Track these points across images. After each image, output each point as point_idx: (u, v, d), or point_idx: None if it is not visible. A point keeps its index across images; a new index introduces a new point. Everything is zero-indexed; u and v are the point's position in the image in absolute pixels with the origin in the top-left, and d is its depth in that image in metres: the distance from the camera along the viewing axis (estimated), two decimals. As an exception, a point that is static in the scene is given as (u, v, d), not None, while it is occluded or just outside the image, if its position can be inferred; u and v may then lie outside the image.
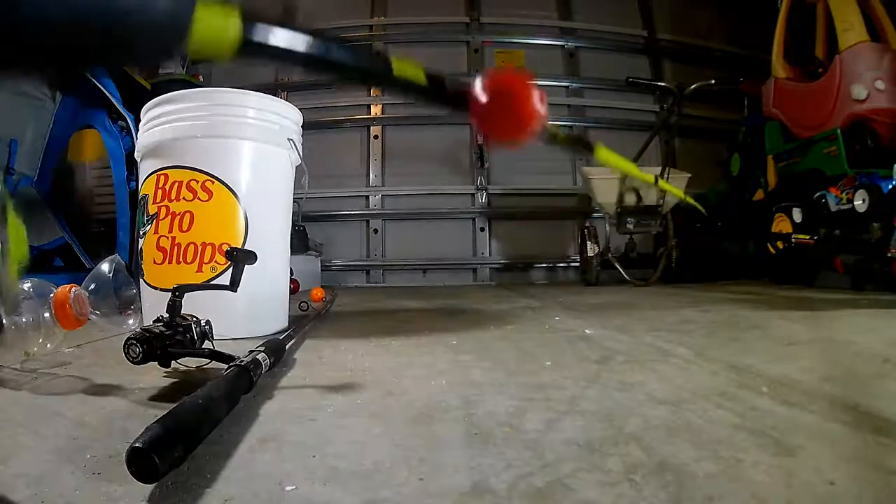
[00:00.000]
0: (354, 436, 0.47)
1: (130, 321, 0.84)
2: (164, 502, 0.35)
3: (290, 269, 1.28)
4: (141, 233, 1.11)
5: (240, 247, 1.05)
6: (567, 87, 3.51)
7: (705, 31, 3.67)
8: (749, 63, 3.01)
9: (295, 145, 1.17)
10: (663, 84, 2.39)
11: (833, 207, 1.90)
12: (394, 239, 3.37)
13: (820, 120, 2.05)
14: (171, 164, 1.07)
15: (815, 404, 0.53)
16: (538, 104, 0.42)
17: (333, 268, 3.30)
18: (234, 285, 0.75)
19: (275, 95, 1.30)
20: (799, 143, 2.19)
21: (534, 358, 0.80)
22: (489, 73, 0.43)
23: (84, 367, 0.77)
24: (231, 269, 0.78)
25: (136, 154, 1.18)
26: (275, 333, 1.08)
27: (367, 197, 3.38)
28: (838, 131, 1.94)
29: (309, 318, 1.30)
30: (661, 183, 1.20)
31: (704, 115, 3.34)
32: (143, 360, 0.63)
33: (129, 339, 0.63)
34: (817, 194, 1.98)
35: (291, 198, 1.25)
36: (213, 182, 1.05)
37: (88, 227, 2.18)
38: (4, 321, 0.70)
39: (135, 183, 1.86)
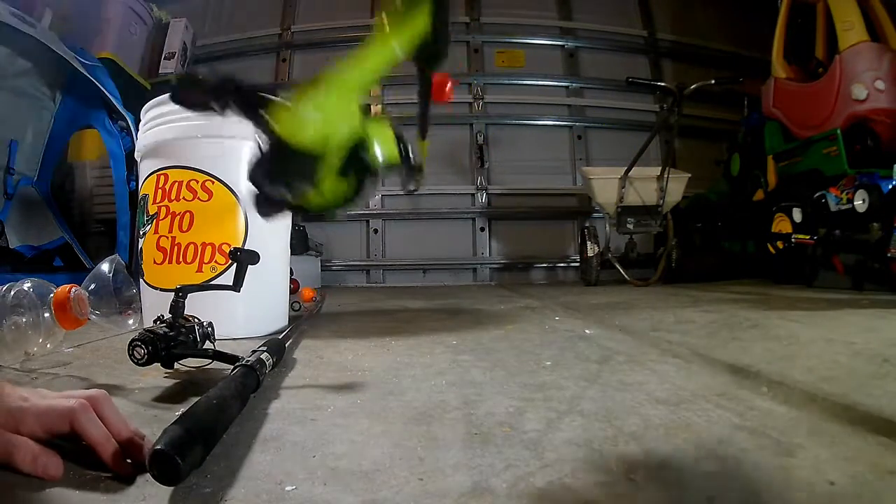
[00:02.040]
0: (354, 436, 0.47)
1: (130, 321, 0.84)
2: (164, 502, 0.35)
3: (290, 269, 1.28)
4: (141, 233, 1.11)
5: (240, 247, 1.05)
6: (567, 87, 3.51)
7: (705, 31, 3.67)
8: (749, 63, 3.01)
9: (295, 145, 1.17)
10: (663, 84, 2.38)
11: (833, 207, 1.90)
12: (394, 239, 3.37)
13: (820, 120, 2.05)
14: (171, 164, 1.07)
15: (815, 404, 0.53)
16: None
17: (333, 268, 3.30)
18: (237, 285, 0.75)
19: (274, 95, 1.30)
20: (799, 143, 2.19)
21: (534, 358, 0.80)
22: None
23: (84, 367, 0.77)
24: (232, 268, 0.78)
25: (136, 154, 1.18)
26: (274, 333, 1.08)
27: (367, 197, 3.38)
28: (838, 131, 1.94)
29: (302, 318, 1.30)
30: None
31: (704, 115, 3.34)
32: (148, 362, 0.63)
33: (133, 340, 0.63)
34: (817, 194, 1.98)
35: (291, 198, 1.25)
36: (213, 182, 1.05)
37: (88, 227, 2.18)
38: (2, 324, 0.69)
39: (135, 183, 1.86)
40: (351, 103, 0.32)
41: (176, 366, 0.70)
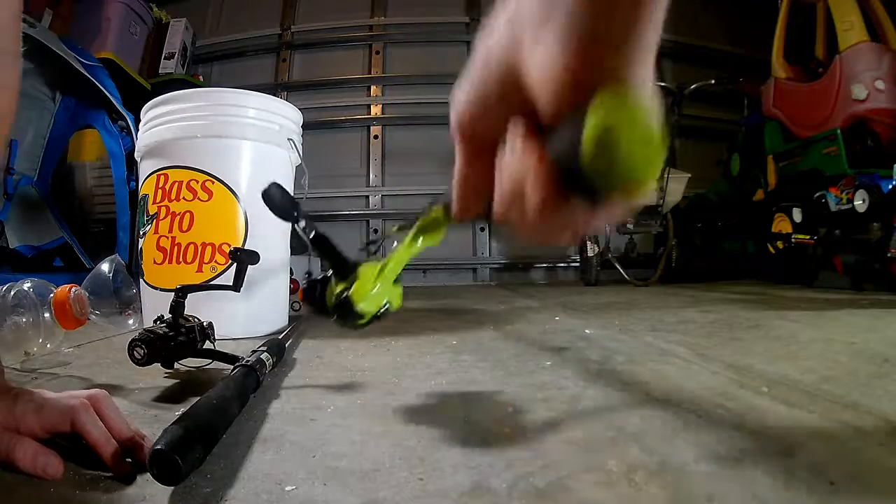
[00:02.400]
0: (354, 436, 0.47)
1: (130, 321, 0.84)
2: (164, 503, 0.35)
3: (290, 269, 1.28)
4: (141, 233, 1.11)
5: (240, 247, 1.05)
6: (567, 87, 3.51)
7: (705, 31, 3.66)
8: (749, 63, 3.01)
9: (295, 145, 1.17)
10: (663, 84, 2.38)
11: (833, 207, 1.90)
12: (394, 239, 3.37)
13: (820, 120, 2.05)
14: (171, 164, 1.07)
15: (815, 404, 0.53)
16: None
17: (333, 268, 3.30)
18: (237, 285, 0.76)
19: (275, 95, 1.30)
20: (799, 143, 2.19)
21: (534, 358, 0.80)
22: None
23: (84, 367, 0.77)
24: (232, 268, 0.78)
25: (136, 154, 1.18)
26: (274, 333, 1.08)
27: (367, 197, 3.38)
28: (838, 131, 1.93)
29: (302, 318, 1.30)
30: None
31: (704, 115, 3.34)
32: (148, 362, 0.63)
33: (133, 340, 0.63)
34: (817, 194, 1.98)
35: (291, 198, 1.25)
36: (213, 182, 1.05)
37: (88, 227, 2.18)
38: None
39: (135, 183, 1.86)
40: (391, 282, 0.50)
41: (176, 366, 0.70)
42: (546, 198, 0.23)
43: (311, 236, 0.53)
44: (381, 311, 0.50)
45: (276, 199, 0.56)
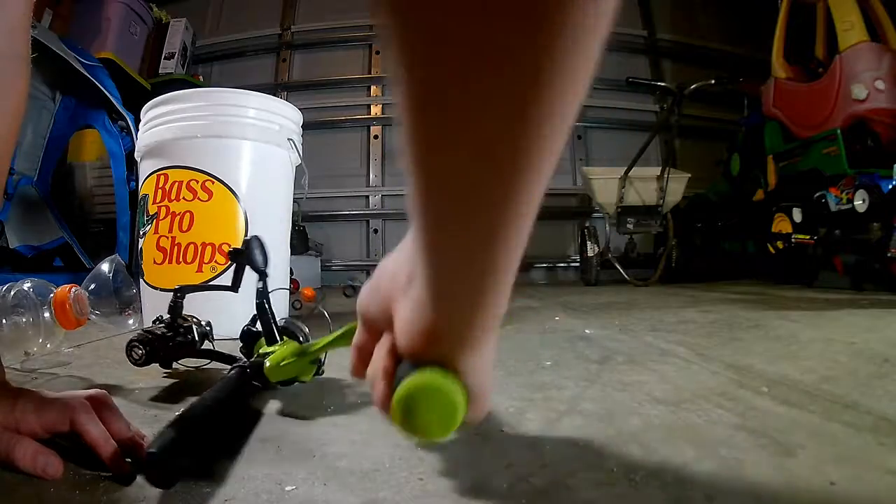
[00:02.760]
0: (354, 436, 0.47)
1: (130, 321, 0.84)
2: (163, 503, 0.34)
3: (290, 269, 1.28)
4: (141, 233, 1.11)
5: (240, 247, 1.05)
6: (567, 87, 3.50)
7: (705, 31, 3.66)
8: (749, 63, 3.01)
9: (295, 145, 1.17)
10: (663, 84, 2.38)
11: (833, 207, 1.90)
12: (394, 239, 3.37)
13: (820, 120, 2.05)
14: (171, 164, 1.07)
15: (815, 404, 0.53)
16: None
17: (333, 268, 3.30)
18: (235, 286, 0.75)
19: (275, 95, 1.30)
20: (799, 143, 2.19)
21: (534, 358, 0.80)
22: None
23: (84, 367, 0.77)
24: (232, 268, 0.78)
25: (136, 154, 1.19)
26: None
27: (367, 197, 3.38)
28: (838, 131, 1.93)
29: (302, 317, 1.30)
30: None
31: (704, 115, 3.34)
32: (146, 362, 0.63)
33: (131, 341, 0.63)
34: (817, 194, 1.98)
35: (291, 198, 1.25)
36: (213, 182, 1.05)
37: (88, 227, 2.18)
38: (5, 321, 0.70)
39: (135, 183, 1.86)
40: (308, 360, 0.56)
41: (175, 365, 0.70)
42: (384, 395, 0.30)
43: (259, 301, 0.63)
44: (289, 380, 0.59)
45: (254, 250, 0.66)
